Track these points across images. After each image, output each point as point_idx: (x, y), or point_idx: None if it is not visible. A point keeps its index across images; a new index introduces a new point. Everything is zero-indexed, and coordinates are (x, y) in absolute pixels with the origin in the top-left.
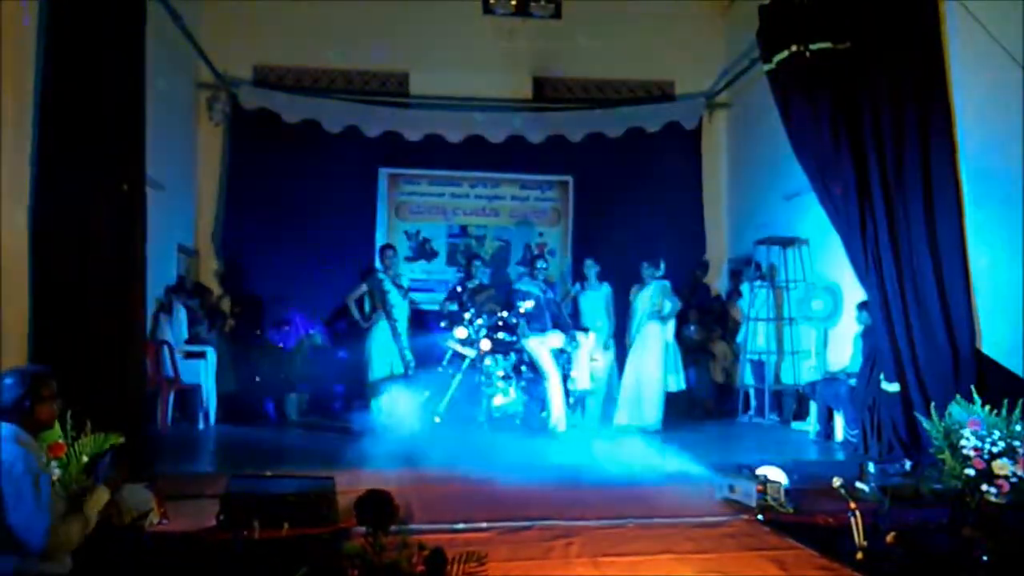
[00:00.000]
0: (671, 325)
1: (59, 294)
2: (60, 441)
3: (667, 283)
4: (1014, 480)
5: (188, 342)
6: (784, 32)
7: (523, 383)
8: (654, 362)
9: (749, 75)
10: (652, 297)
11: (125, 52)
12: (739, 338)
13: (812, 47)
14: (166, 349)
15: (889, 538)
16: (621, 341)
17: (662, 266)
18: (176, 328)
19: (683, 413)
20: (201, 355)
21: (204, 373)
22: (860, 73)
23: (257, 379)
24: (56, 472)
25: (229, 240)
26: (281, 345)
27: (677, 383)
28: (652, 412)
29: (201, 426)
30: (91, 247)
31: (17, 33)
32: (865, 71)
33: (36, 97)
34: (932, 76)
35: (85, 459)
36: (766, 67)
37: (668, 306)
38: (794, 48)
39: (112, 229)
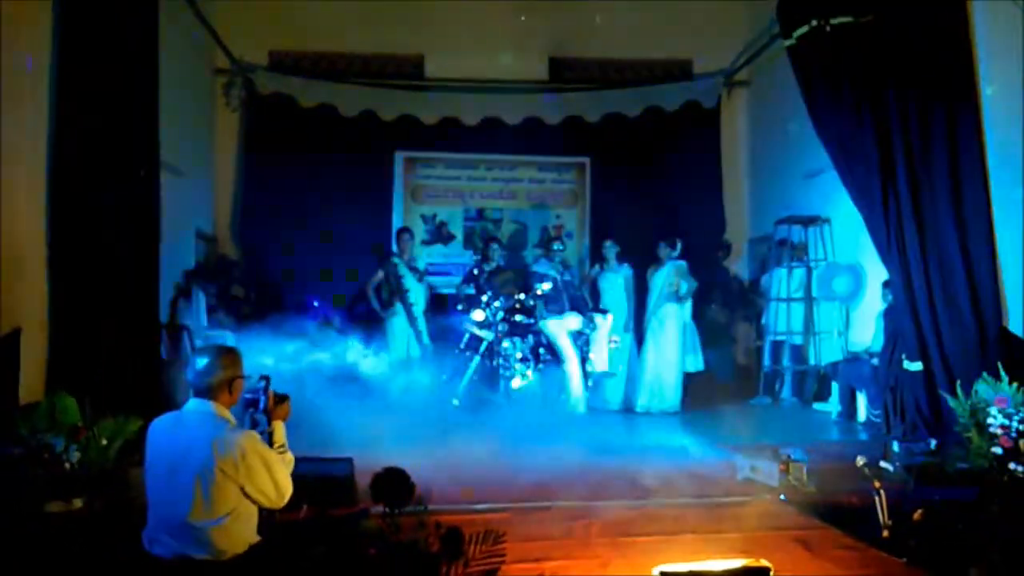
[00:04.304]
0: (688, 306)
1: (76, 280)
2: (80, 425)
3: (683, 263)
4: None
5: (208, 328)
6: (804, 6)
7: (541, 365)
8: (671, 344)
9: (769, 52)
10: (668, 278)
11: (139, 38)
12: (764, 319)
13: (833, 21)
14: (186, 334)
15: (916, 515)
16: (640, 323)
17: (679, 246)
18: (196, 313)
19: (704, 394)
20: (221, 340)
21: None
22: (883, 47)
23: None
24: (76, 455)
25: (247, 225)
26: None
27: (696, 364)
28: (670, 394)
29: None
30: (107, 232)
31: (32, 20)
32: (888, 45)
33: (51, 84)
34: (957, 49)
35: (104, 442)
36: (786, 43)
37: (684, 286)
38: (815, 23)
39: (127, 214)
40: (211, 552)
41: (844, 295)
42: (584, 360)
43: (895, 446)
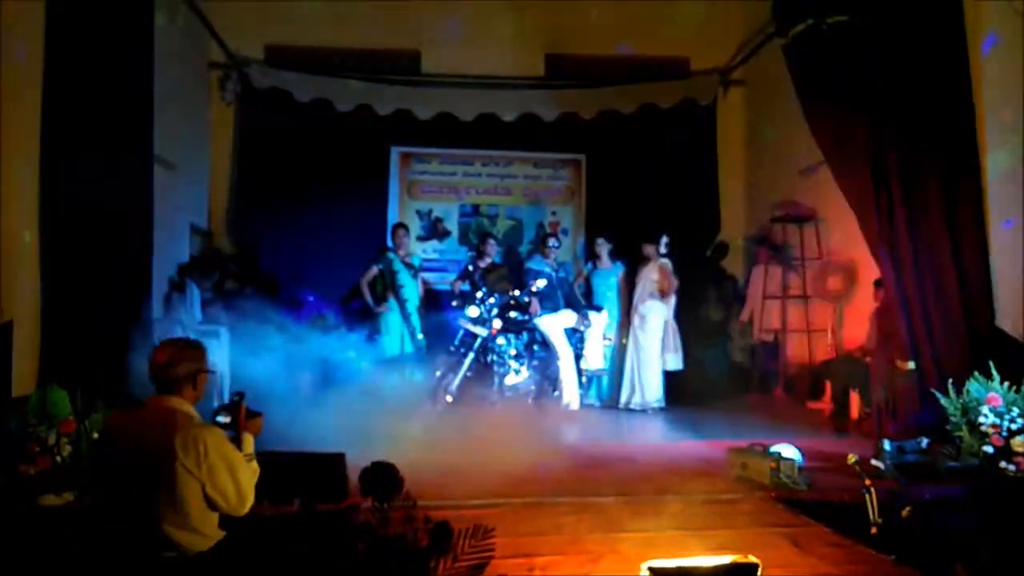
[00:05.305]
0: (671, 303)
1: (69, 273)
2: (70, 418)
3: (668, 261)
4: None
5: (202, 322)
6: (801, 5)
7: (535, 362)
8: (653, 340)
9: (765, 50)
10: (652, 275)
11: (134, 31)
12: (743, 316)
13: (829, 20)
14: (179, 328)
15: (904, 512)
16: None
17: (664, 243)
18: (189, 307)
19: (697, 391)
20: (215, 334)
21: (218, 352)
22: (878, 46)
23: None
24: (67, 448)
25: (241, 220)
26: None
27: (675, 362)
28: (653, 389)
29: (215, 403)
30: (100, 225)
31: (25, 12)
32: (883, 44)
33: (44, 77)
34: (952, 47)
35: (95, 436)
36: (782, 41)
37: (667, 284)
38: (810, 21)
39: (120, 208)
40: (175, 549)
41: (837, 293)
42: (578, 357)
43: (886, 444)
